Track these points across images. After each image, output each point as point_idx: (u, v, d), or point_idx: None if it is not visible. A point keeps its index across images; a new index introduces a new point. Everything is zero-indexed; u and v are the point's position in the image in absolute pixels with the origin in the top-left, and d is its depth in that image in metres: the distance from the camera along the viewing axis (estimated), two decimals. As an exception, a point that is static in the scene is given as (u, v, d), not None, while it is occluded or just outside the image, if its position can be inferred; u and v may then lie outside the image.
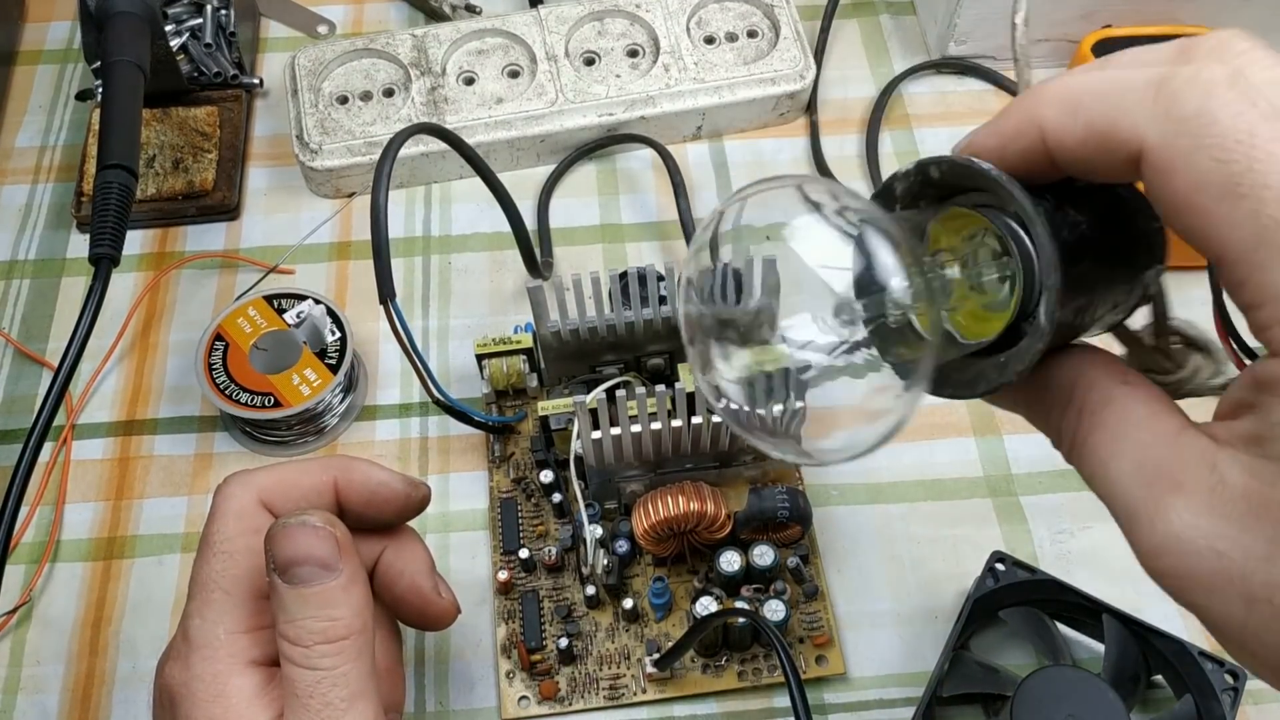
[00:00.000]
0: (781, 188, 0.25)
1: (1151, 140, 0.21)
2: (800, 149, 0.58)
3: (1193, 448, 0.22)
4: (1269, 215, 0.19)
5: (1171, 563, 0.21)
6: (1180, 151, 0.20)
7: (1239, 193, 0.20)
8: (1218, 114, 0.20)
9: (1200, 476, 0.21)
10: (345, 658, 0.30)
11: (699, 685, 0.42)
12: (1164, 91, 0.21)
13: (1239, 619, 0.21)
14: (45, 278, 0.53)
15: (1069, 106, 0.22)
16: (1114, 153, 0.21)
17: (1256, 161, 0.19)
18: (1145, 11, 0.57)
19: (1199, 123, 0.20)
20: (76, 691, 0.43)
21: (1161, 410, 0.23)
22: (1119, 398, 0.24)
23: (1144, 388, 0.24)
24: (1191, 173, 0.20)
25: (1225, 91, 0.20)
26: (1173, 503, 0.21)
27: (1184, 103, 0.20)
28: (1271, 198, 0.19)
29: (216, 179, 0.55)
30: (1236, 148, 0.20)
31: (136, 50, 0.48)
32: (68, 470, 0.48)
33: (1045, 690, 0.38)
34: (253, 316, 0.48)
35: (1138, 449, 0.23)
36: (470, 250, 0.54)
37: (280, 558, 0.30)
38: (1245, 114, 0.20)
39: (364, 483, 0.34)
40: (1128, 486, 0.22)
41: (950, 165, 0.24)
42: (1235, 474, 0.21)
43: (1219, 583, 0.21)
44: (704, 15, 0.59)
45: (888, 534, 0.46)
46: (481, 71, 0.56)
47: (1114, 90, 0.22)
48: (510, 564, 0.45)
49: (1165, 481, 0.22)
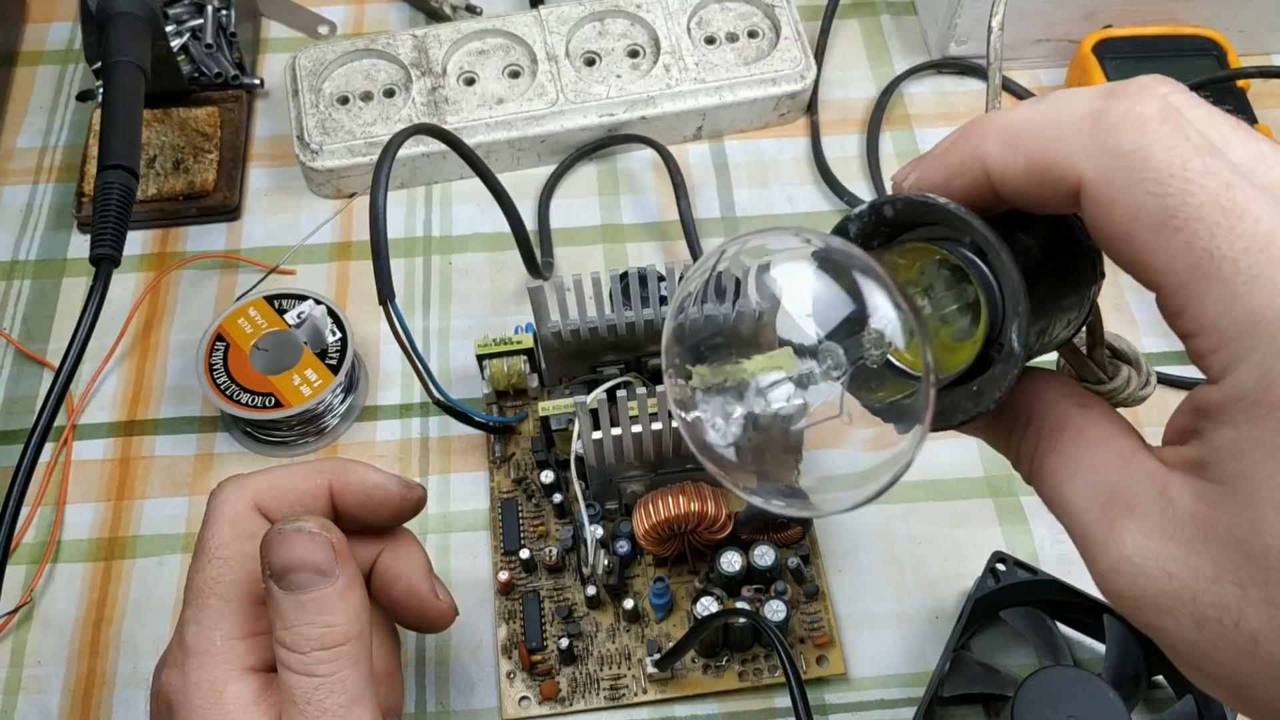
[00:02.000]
0: (777, 234, 0.25)
1: (1089, 175, 0.21)
2: (801, 149, 0.58)
3: (1144, 471, 0.23)
4: (1202, 247, 0.20)
5: (1125, 584, 0.22)
6: (1117, 186, 0.21)
7: (1174, 225, 0.20)
8: (1152, 148, 0.21)
9: (1151, 500, 0.22)
10: (343, 663, 0.30)
11: (700, 686, 0.42)
12: (1100, 126, 0.21)
13: (1190, 639, 0.21)
14: (46, 278, 0.53)
15: (1009, 140, 0.23)
16: (1055, 186, 0.22)
17: (1190, 195, 0.20)
18: (1145, 12, 0.57)
19: (1135, 157, 0.21)
20: (77, 692, 0.43)
21: (1116, 433, 0.24)
22: (1075, 421, 0.24)
23: (1099, 410, 0.25)
24: (1128, 206, 0.21)
25: (1159, 126, 0.21)
26: (1126, 525, 0.22)
27: (1120, 137, 0.21)
28: (1204, 230, 0.20)
29: (217, 179, 0.55)
30: (1171, 181, 0.20)
31: (137, 51, 0.48)
32: (68, 471, 0.48)
33: (1046, 691, 0.38)
34: (253, 317, 0.48)
35: (1093, 472, 0.23)
36: (471, 251, 0.54)
37: (276, 564, 0.30)
38: (1179, 148, 0.20)
39: (359, 485, 0.34)
40: (1083, 509, 0.23)
41: (906, 203, 0.24)
42: (1183, 497, 0.21)
43: (1170, 603, 0.21)
44: (704, 15, 0.59)
45: (888, 534, 0.46)
46: (482, 72, 0.56)
47: (1053, 124, 0.22)
48: (511, 564, 0.45)
49: (1119, 504, 0.22)
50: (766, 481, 0.26)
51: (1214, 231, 0.20)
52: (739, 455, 0.26)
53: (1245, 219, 0.20)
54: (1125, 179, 0.21)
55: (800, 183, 0.56)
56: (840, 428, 0.26)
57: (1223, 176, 0.20)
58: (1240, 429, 0.20)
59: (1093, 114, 0.21)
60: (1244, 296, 0.20)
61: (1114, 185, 0.21)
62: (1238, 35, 0.57)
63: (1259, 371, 0.20)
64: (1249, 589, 0.20)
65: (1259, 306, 0.19)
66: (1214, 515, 0.21)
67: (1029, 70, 0.60)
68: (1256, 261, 0.19)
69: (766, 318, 0.26)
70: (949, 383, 0.25)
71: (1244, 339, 0.20)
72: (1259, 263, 0.19)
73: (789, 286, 0.25)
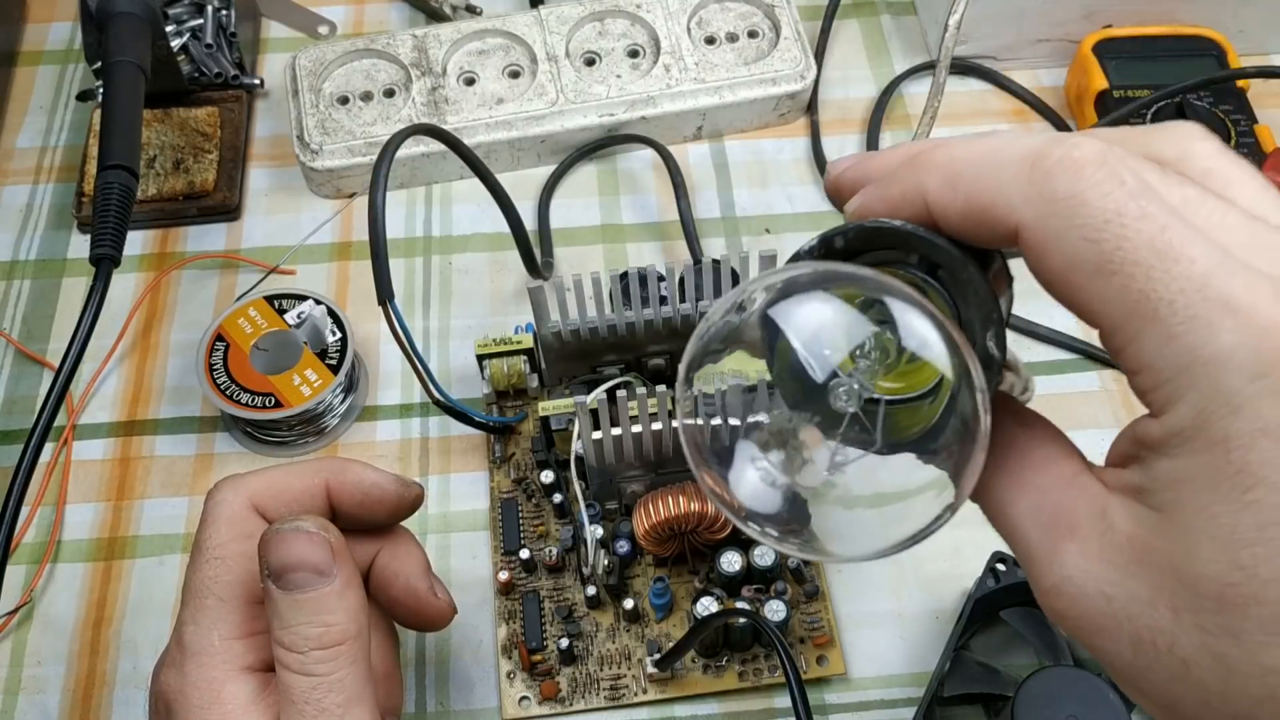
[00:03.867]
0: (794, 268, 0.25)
1: (1027, 220, 0.22)
2: (801, 149, 0.58)
3: (1086, 493, 0.23)
4: (1139, 289, 0.20)
5: (1066, 604, 0.22)
6: (1054, 232, 0.21)
7: (1110, 269, 0.21)
8: (1087, 194, 0.21)
9: (1092, 522, 0.22)
10: (341, 663, 0.30)
11: (700, 686, 0.42)
12: (1037, 171, 0.22)
13: (1127, 659, 0.22)
14: (46, 278, 0.53)
15: (950, 179, 0.23)
16: (993, 228, 0.22)
17: (1125, 240, 0.20)
18: (1146, 12, 0.57)
19: (1070, 204, 0.21)
20: (77, 692, 0.43)
21: (1058, 453, 0.24)
22: (1019, 441, 0.25)
23: (1041, 429, 0.25)
24: (1066, 252, 0.21)
25: (1095, 172, 0.21)
26: (1068, 547, 0.22)
27: (1055, 183, 0.21)
28: (1140, 273, 0.20)
29: (217, 179, 0.55)
30: (1106, 227, 0.21)
31: (137, 51, 0.48)
32: (68, 471, 0.48)
33: (1046, 691, 0.38)
34: (253, 317, 0.48)
35: (1037, 493, 0.24)
36: (471, 251, 0.54)
37: (274, 563, 0.30)
38: (1114, 194, 0.21)
39: (356, 484, 0.34)
40: (1027, 529, 0.24)
41: (857, 230, 0.24)
42: (1123, 522, 0.22)
43: (1108, 624, 0.22)
44: (704, 15, 0.59)
45: (888, 534, 0.46)
46: (482, 72, 0.56)
47: (992, 166, 0.23)
48: (511, 564, 0.45)
49: (1061, 526, 0.23)
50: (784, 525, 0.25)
51: (1150, 274, 0.20)
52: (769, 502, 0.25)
53: (1181, 261, 0.20)
54: (1061, 226, 0.21)
55: (800, 183, 0.56)
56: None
57: (1158, 220, 0.21)
58: (1178, 462, 0.21)
59: (1031, 158, 0.22)
60: (1180, 337, 0.20)
61: (1050, 232, 0.21)
62: (1238, 35, 0.57)
63: (1195, 409, 0.20)
64: (1182, 615, 0.21)
65: (1195, 346, 0.20)
66: (1151, 541, 0.21)
67: (1029, 70, 0.60)
68: (1192, 302, 0.20)
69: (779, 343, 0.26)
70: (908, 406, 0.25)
71: (1180, 377, 0.20)
72: (1194, 303, 0.20)
73: (796, 320, 0.25)
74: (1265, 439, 0.19)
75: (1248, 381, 0.19)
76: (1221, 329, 0.20)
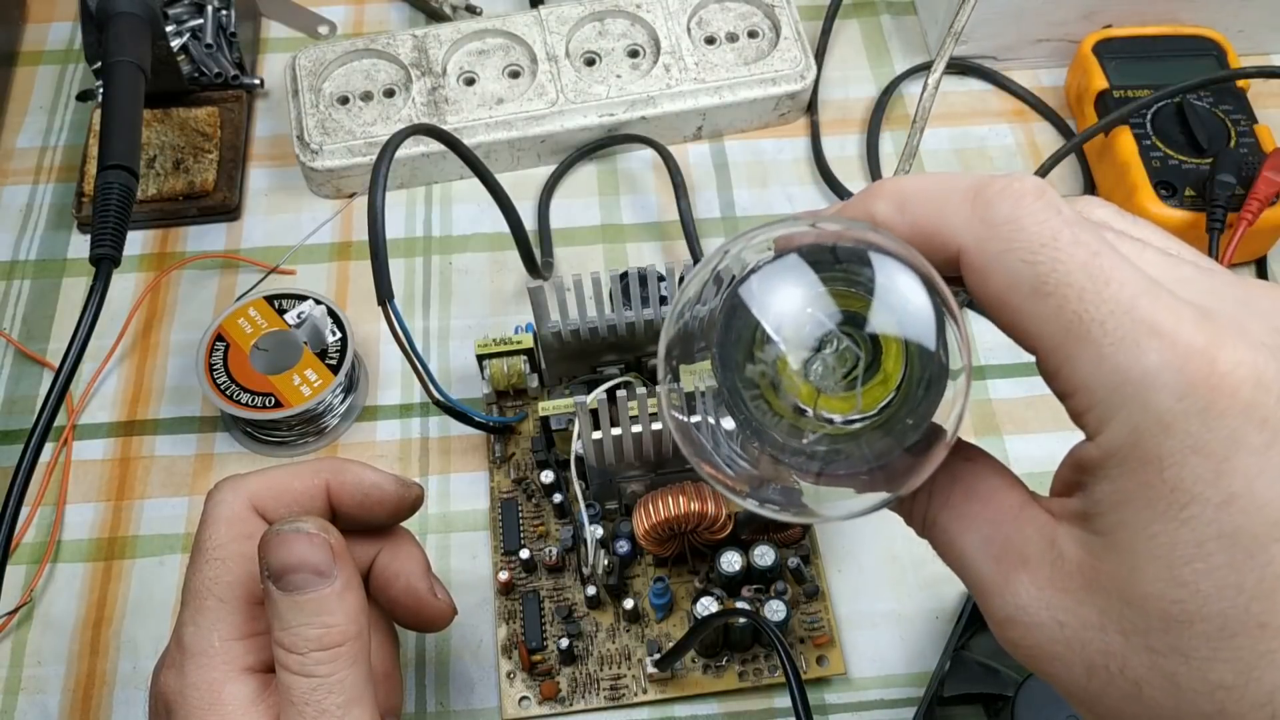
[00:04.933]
0: (776, 228, 0.25)
1: (968, 244, 0.23)
2: (801, 149, 0.58)
3: (1034, 524, 0.24)
4: (1072, 310, 0.21)
5: (1020, 634, 0.23)
6: (993, 254, 0.22)
7: (1045, 291, 0.21)
8: (1025, 220, 0.22)
9: (1042, 552, 0.23)
10: (341, 664, 0.30)
11: (700, 686, 0.42)
12: (980, 199, 0.23)
13: (1082, 684, 0.22)
14: (46, 278, 0.53)
15: (898, 204, 0.24)
16: (937, 252, 0.23)
17: (1059, 263, 0.21)
18: (1146, 12, 0.57)
19: (1009, 228, 0.22)
20: (77, 692, 0.43)
21: (1004, 485, 0.25)
22: (964, 475, 0.25)
23: (983, 462, 0.25)
24: (1004, 274, 0.22)
25: (1033, 201, 0.22)
26: (1019, 578, 0.23)
27: (996, 209, 0.22)
28: (1074, 294, 0.21)
29: (217, 179, 0.55)
30: (1042, 250, 0.22)
31: (137, 51, 0.48)
32: (68, 471, 0.48)
33: (1046, 691, 0.38)
34: (253, 317, 0.48)
35: (984, 525, 0.24)
36: (471, 250, 0.54)
37: (274, 564, 0.30)
38: (1050, 220, 0.22)
39: (356, 485, 0.34)
40: (978, 561, 0.24)
41: (811, 250, 0.24)
42: (1071, 549, 0.22)
43: (1062, 651, 0.22)
44: (704, 15, 0.59)
45: (888, 534, 0.46)
46: (482, 72, 0.56)
47: (939, 193, 0.24)
48: (511, 564, 0.45)
49: (1012, 557, 0.23)
50: (762, 487, 0.26)
51: (1082, 296, 0.21)
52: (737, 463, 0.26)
53: (1111, 284, 0.21)
54: (1000, 248, 0.22)
55: (800, 183, 0.56)
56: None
57: (1090, 246, 0.21)
58: (1116, 483, 0.21)
59: (974, 188, 0.23)
60: (1110, 358, 0.21)
61: (990, 254, 0.22)
62: (1238, 35, 0.57)
63: (1128, 428, 0.21)
64: (1131, 636, 0.21)
65: (1124, 366, 0.21)
66: (1098, 565, 0.22)
67: (1029, 70, 0.60)
68: (1121, 324, 0.21)
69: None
70: (867, 425, 0.24)
71: (1112, 397, 0.21)
72: (1124, 325, 0.21)
73: (775, 289, 0.25)
74: (1195, 456, 0.20)
75: (1175, 400, 0.20)
76: (1148, 349, 0.20)
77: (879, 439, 0.24)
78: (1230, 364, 0.20)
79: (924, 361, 0.23)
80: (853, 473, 0.24)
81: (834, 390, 0.24)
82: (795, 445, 0.24)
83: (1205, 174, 0.50)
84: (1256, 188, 0.49)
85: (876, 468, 0.24)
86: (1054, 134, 0.58)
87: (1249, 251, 0.52)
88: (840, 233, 0.24)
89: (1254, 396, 0.20)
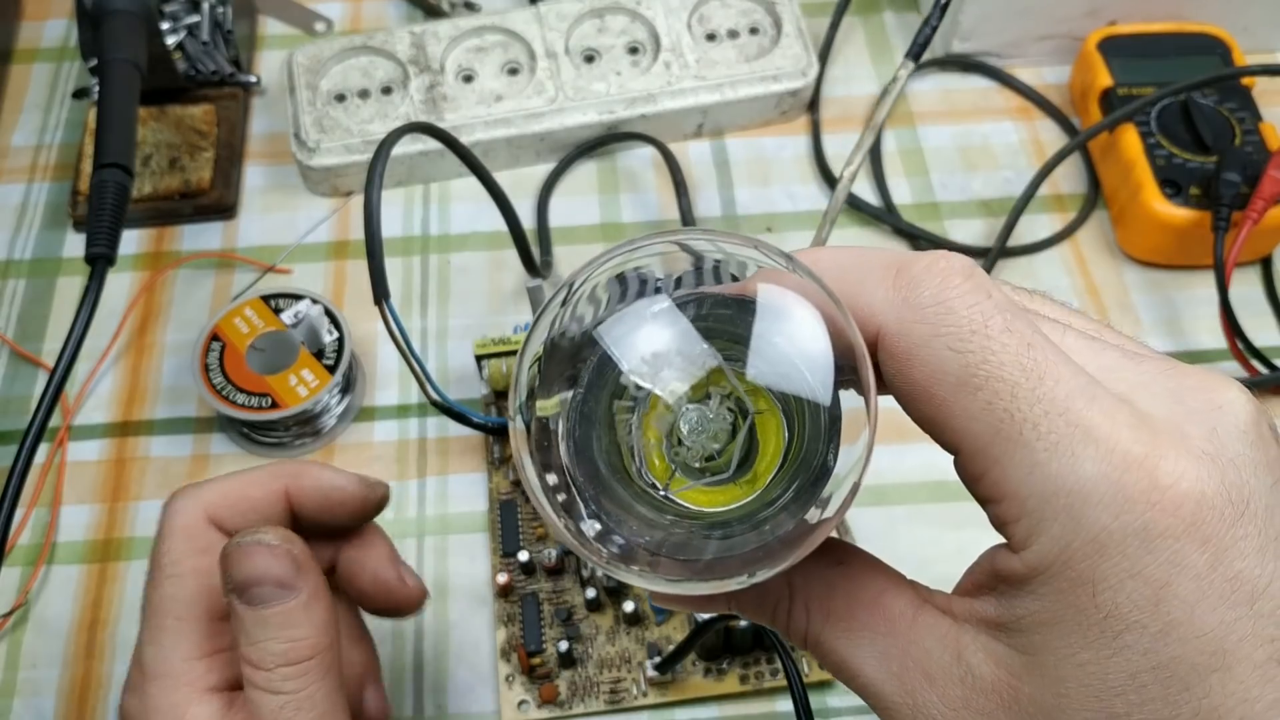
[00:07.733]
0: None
1: (889, 326, 0.21)
2: (802, 147, 0.57)
3: (933, 633, 0.22)
4: (1003, 408, 0.19)
5: None
6: (918, 339, 0.20)
7: (974, 384, 0.20)
8: (954, 303, 0.20)
9: (948, 666, 0.21)
10: (310, 679, 0.29)
11: (700, 689, 0.42)
12: (903, 278, 0.21)
13: None
14: (41, 277, 0.53)
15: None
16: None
17: (991, 353, 0.19)
18: (1150, 9, 0.57)
19: (936, 311, 0.20)
20: (73, 695, 0.42)
21: (888, 588, 0.23)
22: (840, 584, 0.23)
23: (860, 564, 0.23)
24: (929, 362, 0.20)
25: (961, 282, 0.20)
26: (928, 697, 0.21)
27: (922, 290, 0.20)
28: (1006, 390, 0.19)
29: (213, 178, 0.54)
30: (972, 338, 0.20)
31: (133, 48, 0.48)
32: (63, 472, 0.47)
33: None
34: (249, 317, 0.48)
35: (877, 639, 0.22)
36: (469, 249, 0.54)
37: (236, 579, 0.29)
38: (981, 304, 0.20)
39: (316, 488, 0.33)
40: (877, 680, 0.22)
41: (715, 300, 0.22)
42: (983, 665, 0.21)
43: None
44: (705, 12, 0.58)
45: (892, 536, 0.46)
46: (480, 69, 0.56)
47: (856, 268, 0.21)
48: (510, 567, 0.44)
49: (914, 673, 0.22)
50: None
51: (1015, 392, 0.19)
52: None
53: (1046, 380, 0.19)
54: (925, 333, 0.20)
55: (802, 181, 0.56)
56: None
57: (1025, 335, 0.20)
58: (1043, 601, 0.20)
59: (897, 264, 0.21)
60: (1044, 465, 0.19)
61: (914, 340, 0.20)
62: (1243, 33, 0.57)
63: (1059, 545, 0.19)
64: None
65: (1058, 475, 0.19)
66: (1018, 686, 0.20)
67: (1032, 68, 0.59)
68: (1056, 427, 0.19)
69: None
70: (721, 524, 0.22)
71: (1043, 509, 0.19)
72: (1058, 428, 0.19)
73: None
74: (1132, 581, 0.19)
75: (1112, 518, 0.19)
76: (1083, 458, 0.19)
77: (730, 532, 0.22)
78: (1171, 477, 0.19)
79: (806, 462, 0.21)
80: (689, 559, 0.22)
81: (692, 475, 0.22)
82: (639, 519, 0.22)
83: (1210, 172, 0.50)
84: (1262, 186, 0.48)
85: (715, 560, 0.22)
86: (1058, 132, 0.57)
87: (1254, 250, 0.52)
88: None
89: (1196, 514, 0.18)
